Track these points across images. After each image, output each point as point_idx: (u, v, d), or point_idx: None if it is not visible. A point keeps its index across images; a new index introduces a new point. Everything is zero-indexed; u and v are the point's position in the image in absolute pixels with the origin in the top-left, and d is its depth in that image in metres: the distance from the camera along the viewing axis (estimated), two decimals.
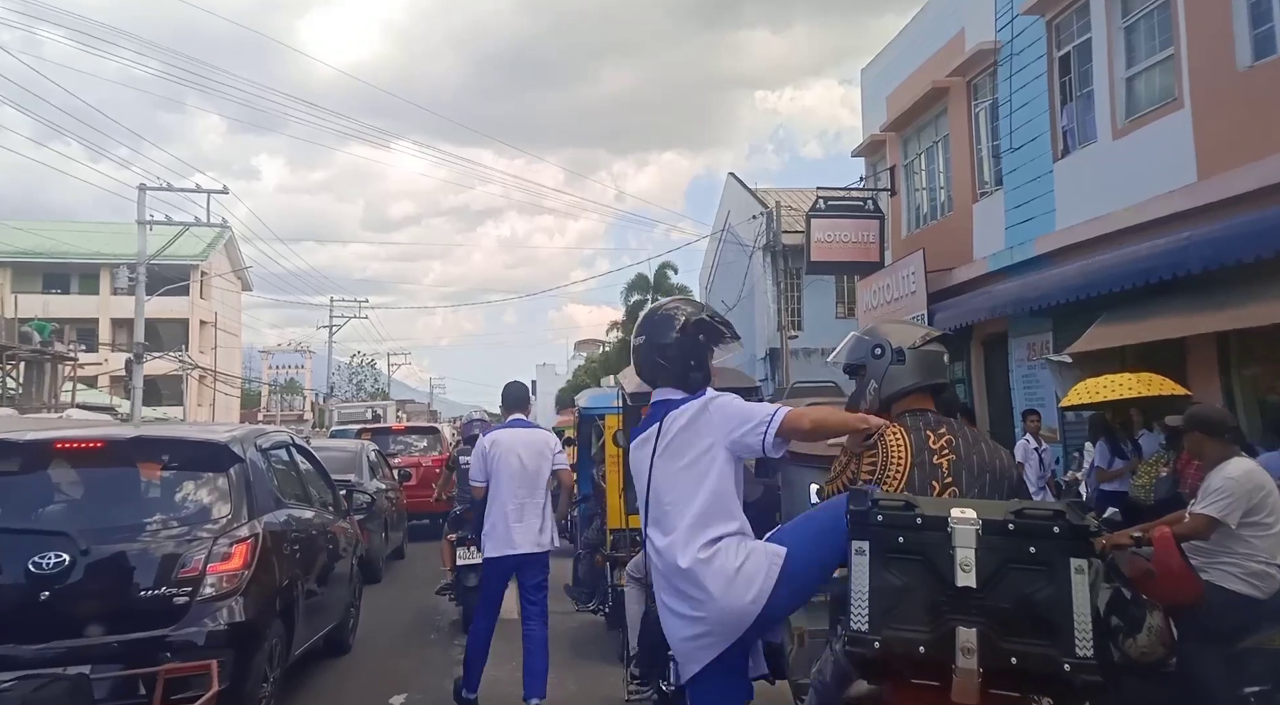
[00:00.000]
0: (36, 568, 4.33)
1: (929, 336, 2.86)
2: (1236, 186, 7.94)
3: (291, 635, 5.47)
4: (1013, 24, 12.03)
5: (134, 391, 22.74)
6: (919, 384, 2.80)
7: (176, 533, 4.73)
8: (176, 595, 4.50)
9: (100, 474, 5.06)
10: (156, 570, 4.54)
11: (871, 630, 2.14)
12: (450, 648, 7.45)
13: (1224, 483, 4.17)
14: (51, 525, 4.66)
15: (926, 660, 2.13)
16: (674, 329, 2.88)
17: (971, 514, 2.17)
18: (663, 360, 2.89)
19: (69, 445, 5.04)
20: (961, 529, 2.15)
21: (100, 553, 4.48)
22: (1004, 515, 2.18)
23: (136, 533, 4.70)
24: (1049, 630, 2.08)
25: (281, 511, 5.58)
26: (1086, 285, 9.29)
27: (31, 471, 5.00)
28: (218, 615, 4.55)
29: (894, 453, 2.65)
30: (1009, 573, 2.13)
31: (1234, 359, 8.59)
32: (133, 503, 4.97)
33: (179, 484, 5.07)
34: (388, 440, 15.93)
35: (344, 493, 7.90)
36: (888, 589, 2.16)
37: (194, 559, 4.60)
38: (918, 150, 15.81)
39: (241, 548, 4.78)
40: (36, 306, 31.13)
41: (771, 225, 20.53)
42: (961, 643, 2.08)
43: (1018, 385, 12.18)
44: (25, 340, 17.59)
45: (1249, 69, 8.21)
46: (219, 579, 4.63)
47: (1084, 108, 11.04)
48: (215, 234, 35.19)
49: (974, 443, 2.69)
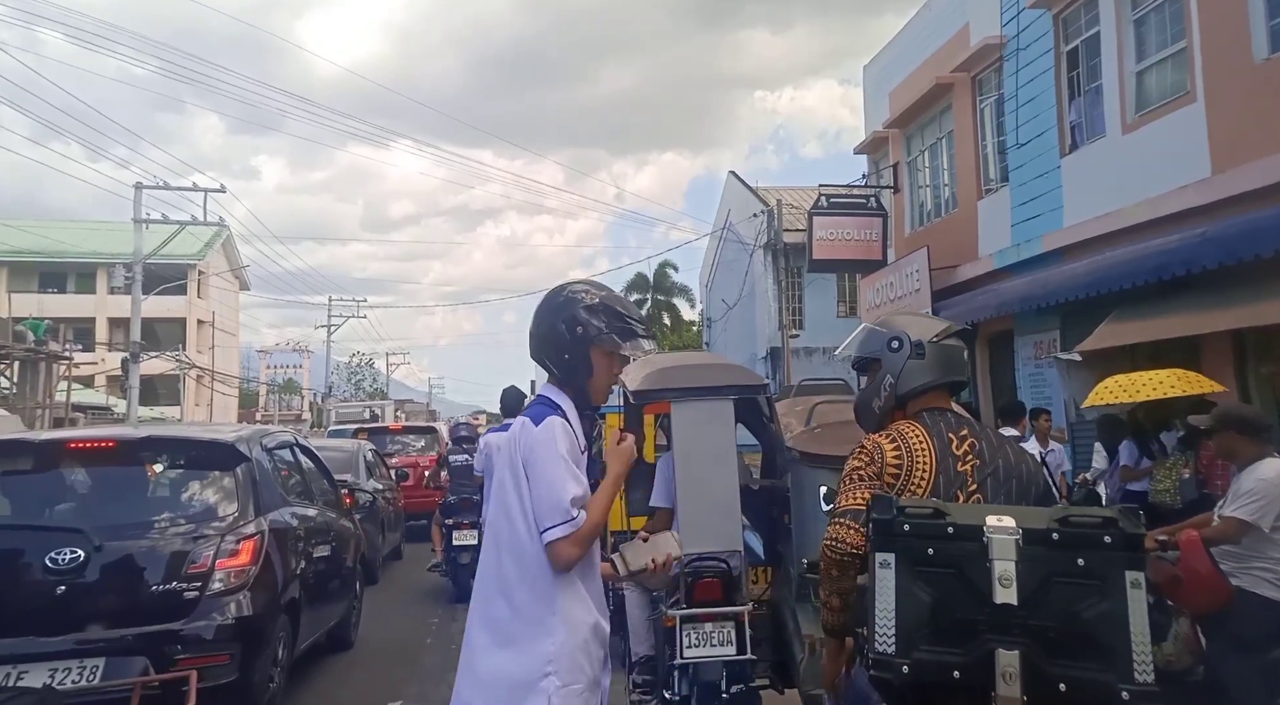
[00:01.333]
0: (53, 563, 4.47)
1: (949, 330, 2.63)
2: (1252, 181, 7.78)
3: (297, 629, 5.64)
4: (1018, 18, 11.87)
5: (130, 391, 22.57)
6: (939, 380, 2.55)
7: (186, 529, 4.87)
8: (187, 590, 4.64)
9: (112, 472, 5.19)
10: (167, 566, 4.69)
11: (899, 652, 1.93)
12: (447, 653, 7.27)
13: (1257, 484, 3.99)
14: (67, 522, 4.80)
15: (962, 686, 1.92)
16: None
17: (1010, 522, 1.96)
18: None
19: (82, 445, 5.20)
20: (1000, 539, 1.94)
21: (113, 549, 4.60)
22: (1047, 523, 1.96)
23: (148, 529, 4.84)
24: (1102, 653, 1.88)
25: (286, 509, 5.71)
26: (1096, 282, 9.13)
27: (47, 470, 5.15)
28: (226, 610, 4.70)
29: (919, 457, 2.38)
30: (1054, 588, 1.91)
31: (1250, 357, 8.42)
32: (144, 500, 5.12)
33: (188, 482, 5.25)
34: (385, 440, 15.76)
35: (345, 491, 8.08)
36: (916, 606, 1.94)
37: (203, 555, 4.75)
38: (921, 147, 15.65)
39: (249, 544, 4.94)
40: (32, 305, 31.01)
41: (772, 223, 20.40)
42: (1002, 667, 1.88)
43: (1024, 384, 12.01)
44: (20, 339, 17.39)
45: (1265, 61, 8.04)
46: (227, 574, 4.78)
47: (1092, 102, 10.87)
48: (213, 233, 35.13)
49: (999, 445, 2.45)
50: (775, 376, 19.27)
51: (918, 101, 14.56)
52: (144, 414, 24.98)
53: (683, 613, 4.36)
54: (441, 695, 6.10)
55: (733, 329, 24.50)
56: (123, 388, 24.74)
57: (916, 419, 2.48)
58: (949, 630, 1.93)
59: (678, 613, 4.37)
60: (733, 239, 23.47)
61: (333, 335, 42.40)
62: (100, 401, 28.74)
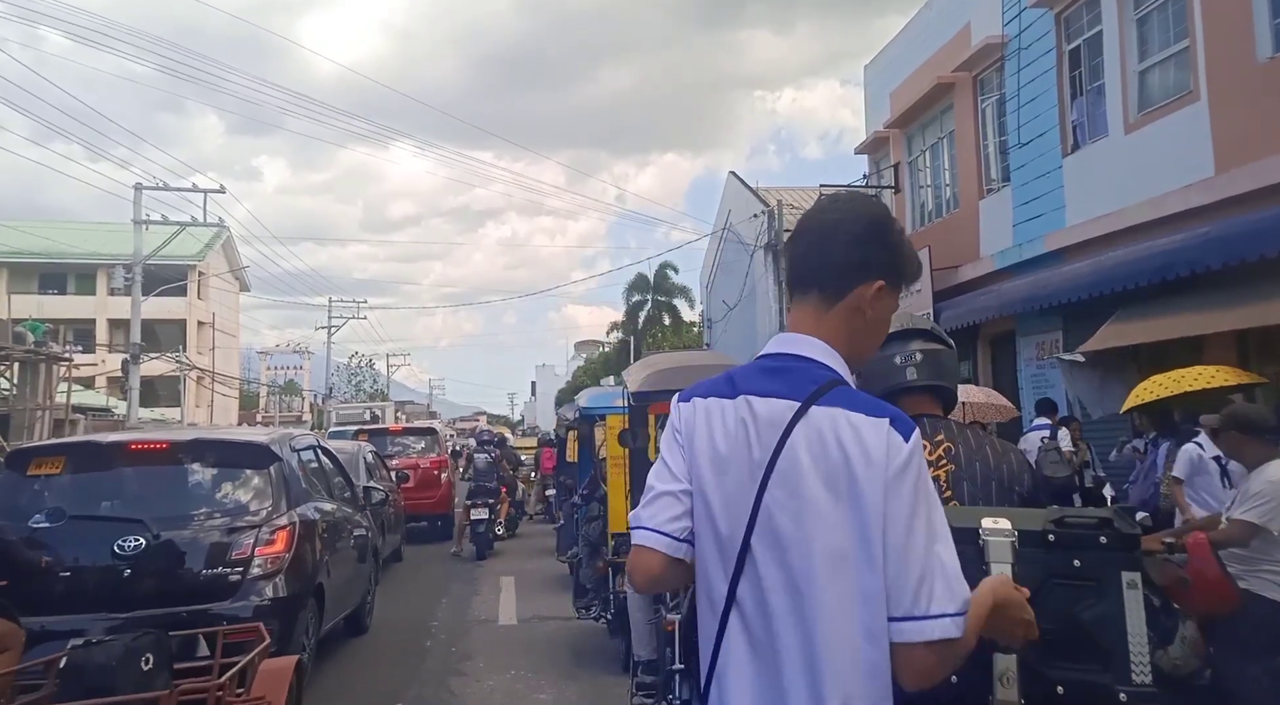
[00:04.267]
0: (120, 549, 5.12)
1: (912, 326, 2.58)
2: (1256, 180, 7.74)
3: (322, 610, 6.28)
4: (1020, 17, 11.84)
5: (130, 392, 22.50)
6: (885, 390, 2.45)
7: (228, 521, 5.55)
8: (231, 573, 5.33)
9: (165, 470, 5.84)
10: (215, 552, 5.36)
11: None
12: (447, 656, 7.23)
13: (1264, 486, 3.95)
14: (130, 513, 5.38)
15: (959, 692, 1.87)
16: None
17: (1006, 524, 1.92)
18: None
19: (140, 446, 5.89)
20: (996, 542, 1.90)
21: (169, 537, 5.25)
22: (1043, 524, 1.94)
23: (196, 520, 5.51)
24: (1099, 654, 1.86)
25: (311, 504, 6.29)
26: (1099, 282, 9.10)
27: (110, 468, 5.79)
28: (264, 591, 5.37)
29: None
30: (1051, 590, 1.89)
31: (1254, 358, 8.37)
32: (192, 495, 5.75)
33: (229, 479, 5.86)
34: (385, 442, 15.70)
35: (362, 488, 8.70)
36: None
37: (244, 543, 5.43)
38: (922, 147, 15.62)
39: (283, 534, 5.60)
40: (32, 307, 30.93)
41: (773, 224, 20.34)
42: (1000, 671, 1.84)
43: (1026, 385, 11.98)
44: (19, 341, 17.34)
45: (1269, 60, 8.01)
46: (265, 560, 5.44)
47: (1094, 102, 10.84)
48: (213, 234, 35.05)
49: (977, 448, 2.39)
50: None
51: (919, 101, 14.53)
52: (144, 415, 24.90)
53: (682, 616, 4.31)
54: (440, 698, 6.08)
55: (733, 330, 24.46)
56: (123, 389, 24.71)
57: None
58: None
59: (677, 617, 4.33)
60: (733, 240, 23.43)
61: (333, 336, 42.33)
62: (100, 403, 28.66)
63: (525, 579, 10.68)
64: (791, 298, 1.73)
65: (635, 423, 5.43)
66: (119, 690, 3.21)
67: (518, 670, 6.71)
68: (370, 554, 8.18)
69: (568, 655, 7.13)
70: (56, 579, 5.06)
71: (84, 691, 3.19)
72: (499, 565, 12.06)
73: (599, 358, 52.49)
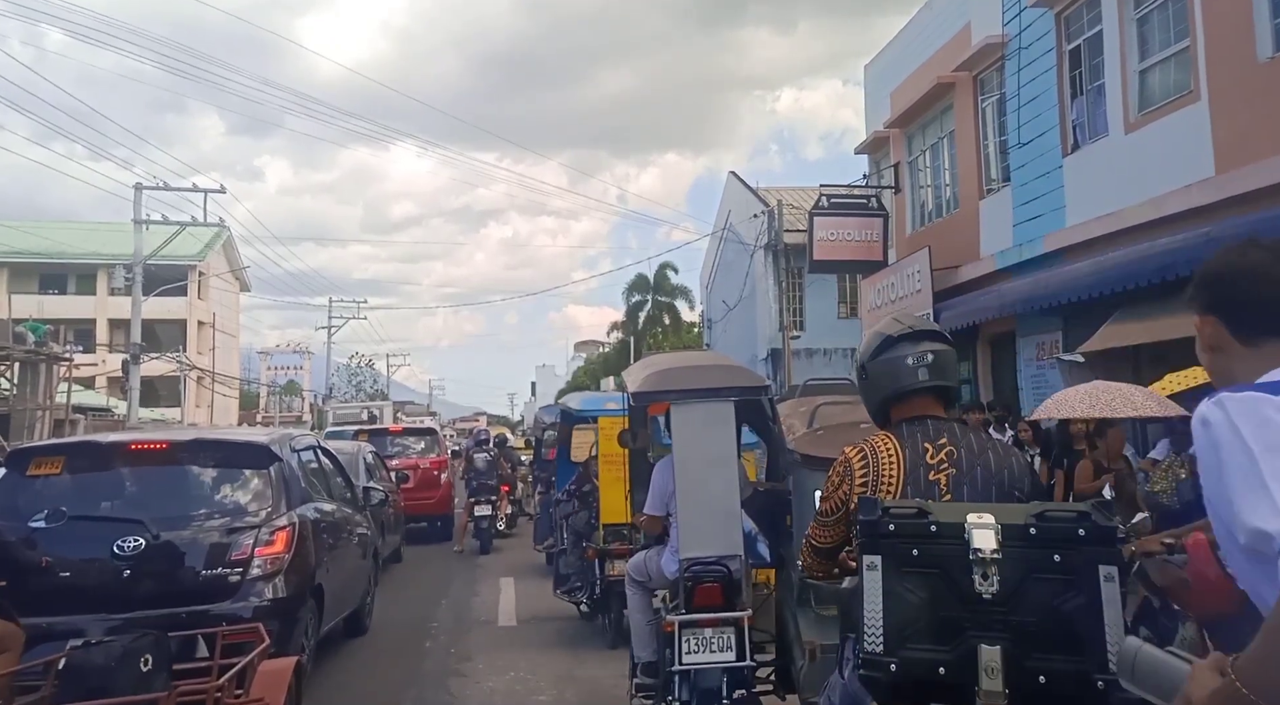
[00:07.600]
0: (120, 550, 5.10)
1: (915, 328, 2.60)
2: (1257, 180, 7.74)
3: (322, 611, 6.23)
4: (1020, 17, 11.83)
5: (131, 393, 22.51)
6: (889, 394, 2.56)
7: (228, 521, 5.52)
8: (230, 574, 5.29)
9: (165, 470, 5.81)
10: (214, 553, 5.33)
11: (887, 651, 1.98)
12: (446, 657, 7.23)
13: None
14: (129, 514, 5.35)
15: (947, 682, 1.97)
16: None
17: (989, 519, 2.02)
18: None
19: (140, 446, 5.86)
20: (980, 534, 2.00)
21: (169, 538, 5.23)
22: (1024, 519, 2.03)
23: (196, 521, 5.48)
24: (1079, 645, 1.95)
25: (310, 505, 6.25)
26: (1099, 283, 9.10)
27: (110, 468, 5.77)
28: (264, 592, 5.34)
29: (885, 469, 2.41)
30: (1033, 583, 1.98)
31: None
32: (192, 495, 5.72)
33: (229, 479, 5.83)
34: (385, 442, 15.67)
35: (362, 489, 8.65)
36: (903, 605, 2.00)
37: (244, 544, 5.39)
38: (922, 147, 15.62)
39: (283, 534, 5.55)
40: (33, 307, 30.91)
41: (773, 224, 20.34)
42: (985, 662, 1.94)
43: (1026, 386, 11.97)
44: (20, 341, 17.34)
45: (1270, 60, 8.00)
46: (264, 561, 5.40)
47: (1095, 102, 10.83)
48: (213, 234, 35.03)
49: (979, 452, 2.43)
50: (776, 378, 19.22)
51: (919, 101, 14.52)
52: (144, 415, 24.89)
53: (682, 618, 4.31)
54: (440, 699, 6.08)
55: (733, 330, 24.44)
56: (123, 389, 24.70)
57: (895, 429, 2.52)
58: (934, 628, 1.98)
59: (677, 618, 4.32)
60: (733, 240, 23.42)
61: (333, 336, 42.35)
62: (100, 403, 28.65)
63: (525, 580, 10.67)
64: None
65: (635, 423, 5.43)
66: (118, 691, 3.20)
67: (517, 671, 6.70)
68: (370, 555, 8.18)
69: (567, 656, 7.13)
70: (56, 579, 4.98)
71: (83, 692, 3.18)
72: (499, 566, 12.05)
73: (599, 358, 52.55)
